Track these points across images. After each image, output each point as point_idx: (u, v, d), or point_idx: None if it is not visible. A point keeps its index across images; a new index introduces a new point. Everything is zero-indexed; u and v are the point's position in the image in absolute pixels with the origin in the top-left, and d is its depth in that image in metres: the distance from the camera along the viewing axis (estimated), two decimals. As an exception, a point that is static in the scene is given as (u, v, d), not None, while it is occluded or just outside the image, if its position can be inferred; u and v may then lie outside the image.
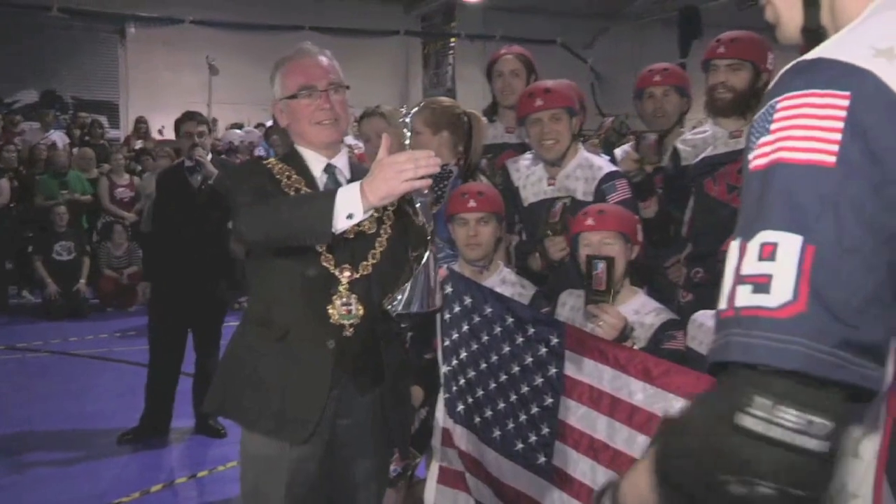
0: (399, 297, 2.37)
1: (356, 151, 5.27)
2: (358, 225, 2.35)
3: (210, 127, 5.87)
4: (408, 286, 2.36)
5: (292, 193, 2.52)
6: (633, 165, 3.66)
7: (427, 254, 2.36)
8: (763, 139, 1.01)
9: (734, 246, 1.00)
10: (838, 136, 0.95)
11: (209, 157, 5.46)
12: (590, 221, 3.12)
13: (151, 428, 5.47)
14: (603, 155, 3.89)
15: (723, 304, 1.00)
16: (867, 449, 1.12)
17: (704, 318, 2.96)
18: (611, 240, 3.06)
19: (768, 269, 0.95)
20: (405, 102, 14.48)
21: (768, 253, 0.95)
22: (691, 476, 0.99)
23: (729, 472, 0.93)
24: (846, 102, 0.96)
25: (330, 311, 2.50)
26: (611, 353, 2.70)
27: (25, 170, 9.96)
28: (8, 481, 4.78)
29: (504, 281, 3.39)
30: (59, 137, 10.43)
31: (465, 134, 3.69)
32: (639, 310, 3.07)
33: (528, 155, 3.77)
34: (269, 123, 12.16)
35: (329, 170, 2.63)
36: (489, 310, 3.10)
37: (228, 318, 5.62)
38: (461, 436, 3.22)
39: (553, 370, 2.89)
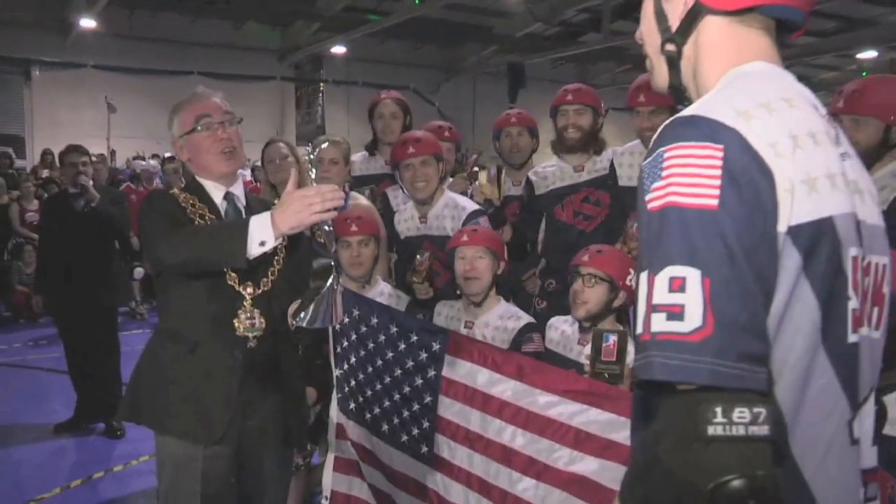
0: (304, 315, 2.24)
1: (245, 179, 5.11)
2: None
3: (91, 158, 5.60)
4: (313, 305, 2.23)
5: (198, 220, 2.37)
6: (482, 197, 3.63)
7: (331, 277, 2.24)
8: (656, 184, 1.02)
9: (643, 277, 1.00)
10: (718, 182, 0.98)
11: (90, 183, 5.17)
12: (465, 238, 3.13)
13: (85, 418, 5.23)
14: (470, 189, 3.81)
15: (639, 328, 0.99)
16: None
17: (558, 322, 3.02)
18: (482, 254, 3.07)
19: (681, 300, 0.96)
20: (281, 137, 14.29)
21: (678, 286, 0.96)
22: (679, 497, 0.94)
23: (711, 477, 0.91)
24: (721, 154, 0.99)
25: (236, 324, 2.36)
26: (489, 355, 2.67)
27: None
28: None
29: (382, 293, 3.36)
30: (-29, 168, 9.79)
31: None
32: (502, 315, 3.08)
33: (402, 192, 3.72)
34: (167, 155, 11.74)
35: (228, 197, 2.48)
36: (374, 320, 3.06)
37: (129, 325, 5.39)
38: (354, 429, 3.15)
39: (432, 372, 2.86)
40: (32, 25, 12.71)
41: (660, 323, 0.96)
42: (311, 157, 2.25)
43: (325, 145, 3.01)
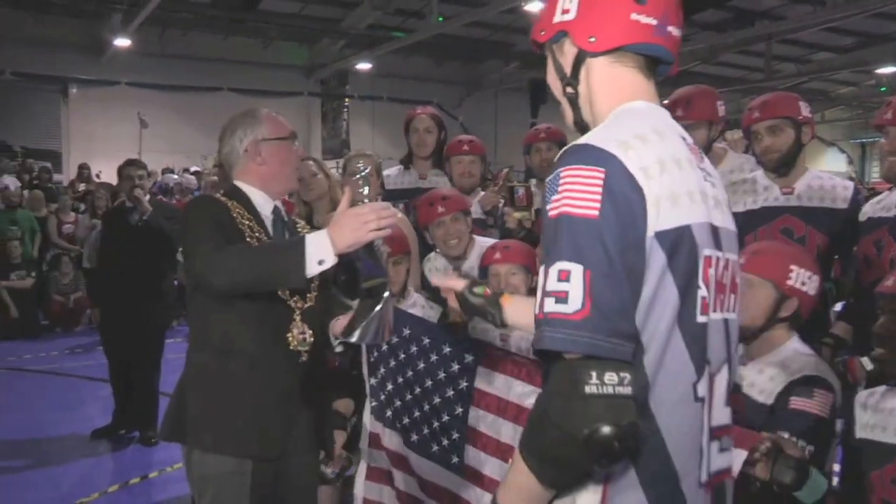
0: (357, 332, 2.16)
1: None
2: None
3: (148, 172, 5.63)
4: (366, 321, 2.16)
5: (247, 231, 2.29)
6: (515, 223, 3.57)
7: (385, 294, 2.17)
8: (553, 196, 1.25)
9: (542, 270, 1.24)
10: (599, 197, 1.21)
11: (147, 197, 5.22)
12: (497, 255, 3.07)
13: (122, 426, 5.26)
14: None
15: (536, 310, 1.23)
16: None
17: None
18: (516, 270, 3.00)
19: (566, 288, 1.19)
20: (307, 152, 14.38)
21: (565, 277, 1.20)
22: (564, 443, 1.18)
23: (589, 426, 1.14)
24: (603, 175, 1.23)
25: (289, 338, 2.33)
26: (523, 367, 2.64)
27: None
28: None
29: (415, 304, 3.31)
30: (11, 181, 9.89)
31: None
32: None
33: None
34: (194, 169, 11.83)
35: (276, 212, 2.45)
36: (407, 331, 3.04)
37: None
38: (390, 437, 3.11)
39: (464, 384, 2.83)
40: (70, 45, 12.89)
41: (550, 305, 1.20)
42: (363, 174, 2.16)
43: (360, 165, 2.92)
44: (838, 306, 3.33)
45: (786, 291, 2.36)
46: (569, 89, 1.46)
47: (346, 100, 15.83)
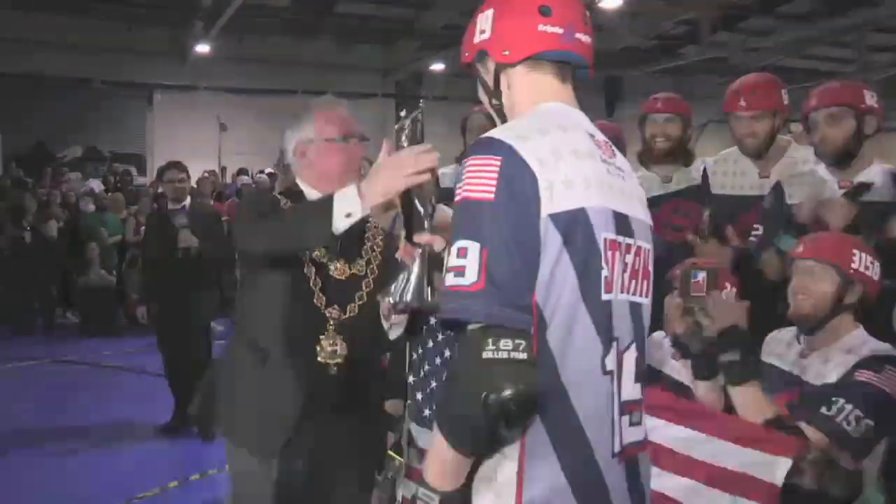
0: (393, 289, 1.91)
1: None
2: (349, 267, 2.26)
3: (188, 174, 5.73)
4: (401, 276, 1.90)
5: None
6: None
7: (424, 246, 1.88)
8: (458, 185, 1.36)
9: (448, 249, 1.34)
10: (494, 182, 1.32)
11: (188, 200, 5.38)
12: None
13: (182, 421, 5.29)
14: None
15: (444, 284, 1.32)
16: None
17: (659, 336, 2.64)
18: None
19: (463, 263, 1.29)
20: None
21: (463, 253, 1.30)
22: (467, 406, 1.26)
23: (488, 388, 1.23)
24: (499, 162, 1.34)
25: (318, 349, 2.26)
26: None
27: (71, 212, 9.90)
28: (45, 474, 4.66)
29: None
30: (96, 185, 10.30)
31: None
32: None
33: None
34: (268, 170, 12.02)
35: None
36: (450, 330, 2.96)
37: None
38: (428, 437, 3.06)
39: None
40: (155, 52, 13.31)
41: (450, 279, 1.31)
42: (408, 121, 2.00)
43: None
44: None
45: (850, 276, 2.26)
46: (494, 101, 1.58)
47: (421, 101, 15.88)
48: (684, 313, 2.19)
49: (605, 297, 1.40)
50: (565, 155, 1.39)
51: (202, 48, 12.90)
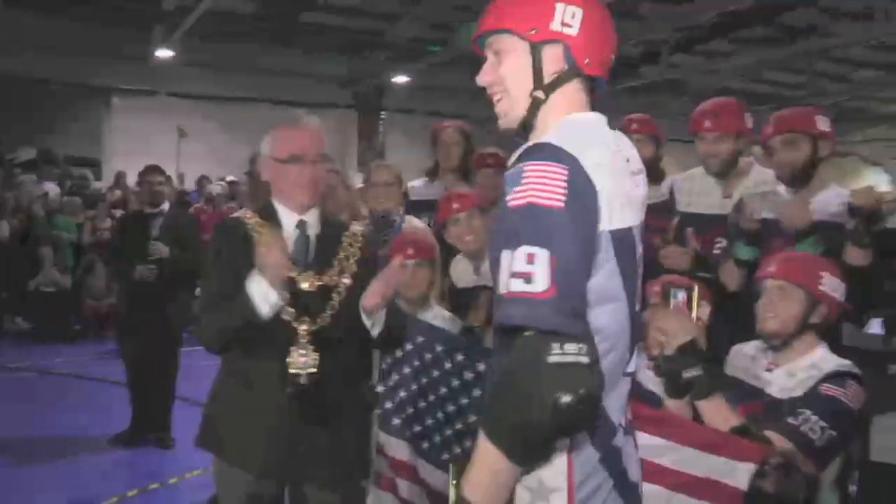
0: None
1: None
2: (320, 278, 2.34)
3: (170, 179, 5.70)
4: None
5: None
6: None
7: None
8: (517, 188, 1.36)
9: (506, 254, 1.34)
10: (564, 191, 1.34)
11: (166, 205, 5.31)
12: None
13: (139, 430, 5.27)
14: None
15: (502, 289, 1.34)
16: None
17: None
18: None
19: (532, 269, 1.30)
20: (343, 164, 14.45)
21: (531, 259, 1.30)
22: (533, 410, 1.25)
23: (559, 391, 1.24)
24: (566, 172, 1.36)
25: (288, 360, 2.31)
26: None
27: (24, 215, 9.64)
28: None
29: (436, 317, 3.29)
30: (51, 188, 10.12)
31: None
32: None
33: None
34: (230, 178, 11.93)
35: (300, 226, 2.44)
36: (421, 339, 3.03)
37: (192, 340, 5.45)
38: (395, 446, 3.08)
39: (476, 392, 2.81)
40: (114, 55, 13.04)
41: (517, 285, 1.31)
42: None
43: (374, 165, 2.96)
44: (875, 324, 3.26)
45: (817, 297, 2.38)
46: (539, 93, 1.54)
47: (382, 113, 15.92)
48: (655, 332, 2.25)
49: (636, 308, 1.51)
50: (613, 172, 1.43)
51: (164, 53, 12.74)
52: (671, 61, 12.91)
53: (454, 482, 1.39)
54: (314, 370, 2.32)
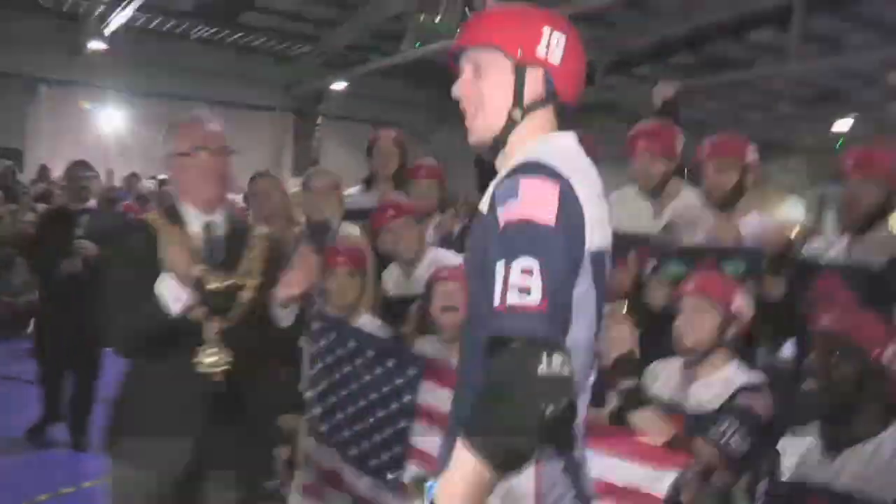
0: None
1: (237, 207, 5.02)
2: (226, 278, 2.31)
3: (96, 175, 5.55)
4: None
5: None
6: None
7: None
8: (512, 200, 1.41)
9: (500, 265, 1.36)
10: (556, 208, 1.40)
11: (93, 202, 5.23)
12: (444, 274, 3.11)
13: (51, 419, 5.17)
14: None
15: (497, 301, 1.35)
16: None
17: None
18: (461, 288, 2.98)
19: (528, 283, 1.33)
20: (279, 167, 14.31)
21: (528, 272, 1.34)
22: (523, 419, 1.29)
23: (548, 401, 1.27)
24: (558, 189, 1.42)
25: (197, 358, 2.31)
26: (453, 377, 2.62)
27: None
28: None
29: (365, 325, 3.32)
30: (-31, 179, 9.74)
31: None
32: None
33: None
34: (161, 177, 11.66)
35: (208, 226, 2.43)
36: (352, 344, 3.07)
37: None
38: (322, 454, 3.11)
39: (407, 398, 2.85)
40: (43, 44, 12.65)
41: (514, 297, 1.33)
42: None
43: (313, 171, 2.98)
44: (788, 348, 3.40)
45: (731, 314, 2.51)
46: (516, 113, 1.58)
47: (319, 118, 15.84)
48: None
49: (601, 324, 1.59)
50: (591, 196, 1.49)
51: (96, 45, 12.43)
52: (605, 82, 13.21)
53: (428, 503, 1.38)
54: (225, 367, 2.33)
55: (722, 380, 2.47)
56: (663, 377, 2.65)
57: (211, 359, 2.32)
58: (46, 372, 5.18)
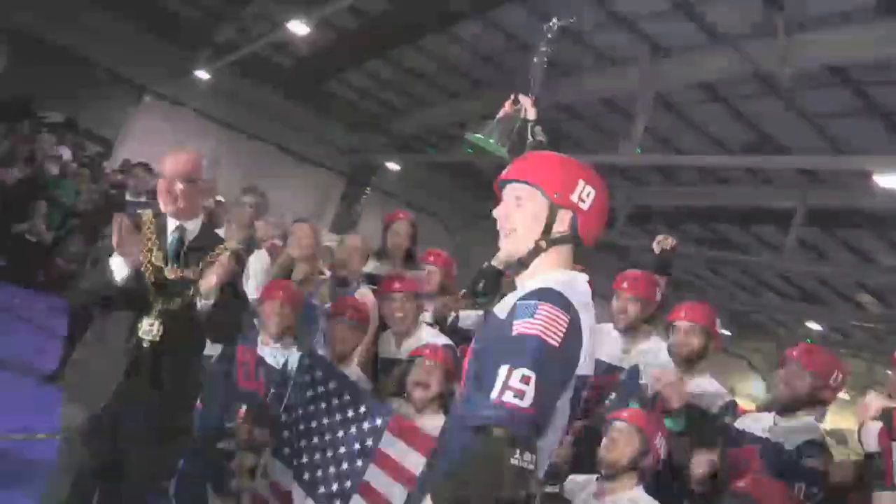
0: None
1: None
2: (181, 270, 2.74)
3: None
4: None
5: (148, 243, 2.78)
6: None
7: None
8: (527, 319, 1.59)
9: (504, 367, 1.54)
10: (563, 334, 1.58)
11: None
12: (427, 351, 3.23)
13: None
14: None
15: (494, 395, 1.53)
16: None
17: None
18: (437, 367, 3.16)
19: (524, 388, 1.50)
20: (318, 222, 14.57)
21: (526, 381, 1.51)
22: (480, 496, 1.44)
23: (506, 489, 1.43)
24: (568, 320, 1.61)
25: (139, 326, 2.69)
26: (424, 443, 2.76)
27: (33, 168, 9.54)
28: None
29: (351, 374, 3.45)
30: (65, 152, 10.11)
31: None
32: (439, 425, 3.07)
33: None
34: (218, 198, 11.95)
35: (178, 230, 2.83)
36: (333, 385, 3.19)
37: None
38: (279, 472, 3.22)
39: (369, 442, 2.95)
40: (158, 60, 13.14)
41: (509, 397, 1.51)
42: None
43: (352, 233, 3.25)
44: None
45: (649, 446, 2.70)
46: (542, 243, 1.79)
47: (367, 189, 16.11)
48: None
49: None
50: (591, 330, 1.69)
51: (202, 74, 13.01)
52: (623, 229, 13.53)
53: None
54: (156, 340, 2.69)
55: (627, 499, 2.65)
56: (577, 489, 2.84)
57: (146, 328, 2.68)
58: (74, 326, 5.37)
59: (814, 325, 16.48)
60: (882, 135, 8.09)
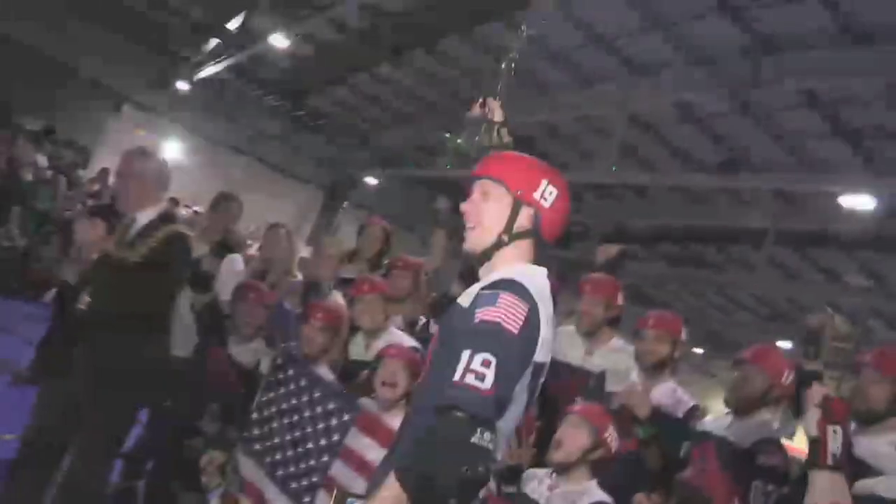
0: None
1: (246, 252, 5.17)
2: (122, 251, 3.18)
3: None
4: None
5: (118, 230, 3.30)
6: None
7: None
8: (489, 307, 1.67)
9: (466, 352, 1.60)
10: (521, 322, 1.66)
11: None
12: (392, 351, 3.25)
13: None
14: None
15: (457, 377, 1.59)
16: None
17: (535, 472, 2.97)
18: (403, 368, 3.14)
19: (485, 371, 1.57)
20: (297, 234, 14.56)
21: (487, 364, 1.58)
22: (447, 475, 1.50)
23: (469, 465, 1.50)
24: (527, 309, 1.69)
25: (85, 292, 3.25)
26: (385, 437, 2.81)
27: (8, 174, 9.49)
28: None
29: (325, 374, 3.44)
30: (41, 160, 10.09)
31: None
32: None
33: None
34: (196, 208, 11.95)
35: (129, 219, 3.28)
36: (304, 382, 3.23)
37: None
38: (250, 468, 3.26)
39: (336, 437, 3.01)
40: (138, 70, 13.23)
41: (470, 379, 1.58)
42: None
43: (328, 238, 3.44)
44: None
45: (600, 440, 2.74)
46: (505, 237, 1.88)
47: (345, 203, 16.17)
48: None
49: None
50: (548, 321, 1.78)
51: (182, 85, 13.05)
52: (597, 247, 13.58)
53: None
54: (83, 307, 3.21)
55: (581, 493, 2.69)
56: (533, 483, 2.88)
57: (86, 298, 3.21)
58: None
59: (785, 344, 16.69)
60: (849, 157, 8.32)
